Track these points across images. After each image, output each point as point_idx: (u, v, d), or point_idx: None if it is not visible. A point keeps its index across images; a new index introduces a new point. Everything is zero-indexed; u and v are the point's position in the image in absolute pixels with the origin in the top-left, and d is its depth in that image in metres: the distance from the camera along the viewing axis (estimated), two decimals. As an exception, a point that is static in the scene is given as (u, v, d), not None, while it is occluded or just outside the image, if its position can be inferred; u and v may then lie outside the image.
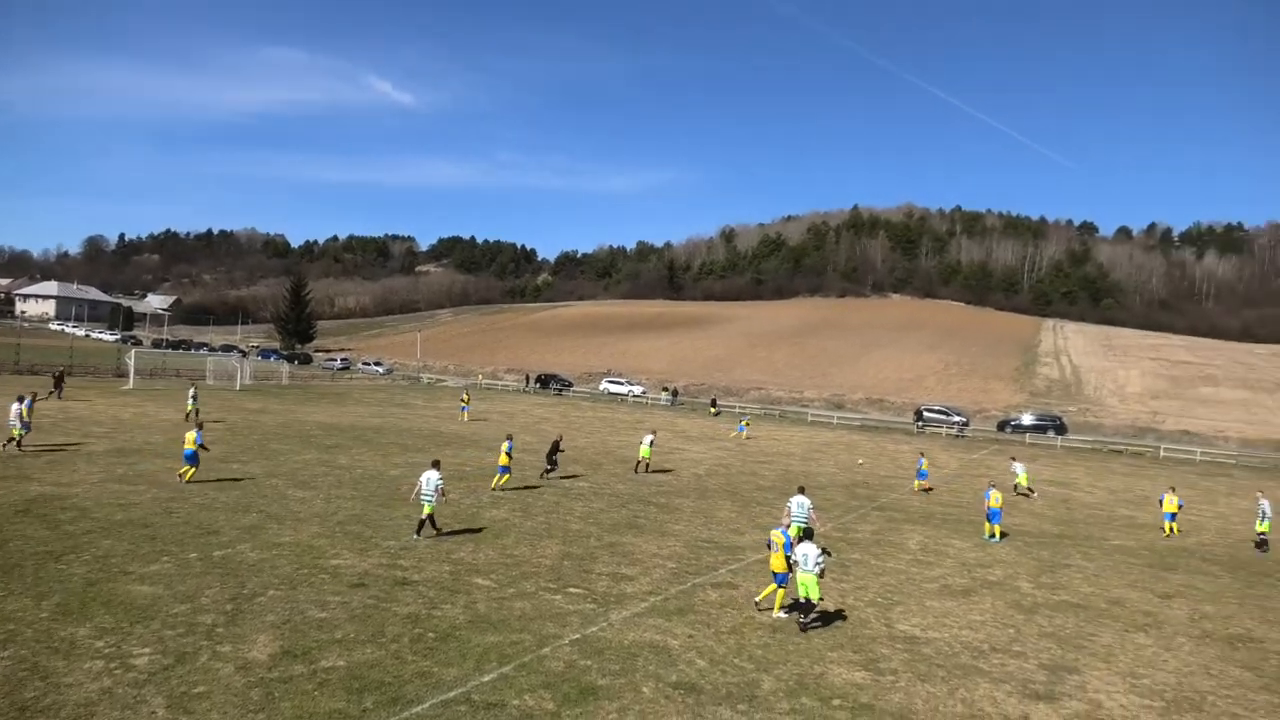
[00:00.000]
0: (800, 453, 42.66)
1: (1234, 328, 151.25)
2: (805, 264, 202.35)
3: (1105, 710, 11.67)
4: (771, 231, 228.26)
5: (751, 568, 18.16)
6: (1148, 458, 54.29)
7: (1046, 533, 25.30)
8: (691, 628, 13.79)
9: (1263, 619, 17.16)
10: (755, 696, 11.13)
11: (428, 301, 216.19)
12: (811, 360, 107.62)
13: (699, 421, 57.84)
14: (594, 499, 25.22)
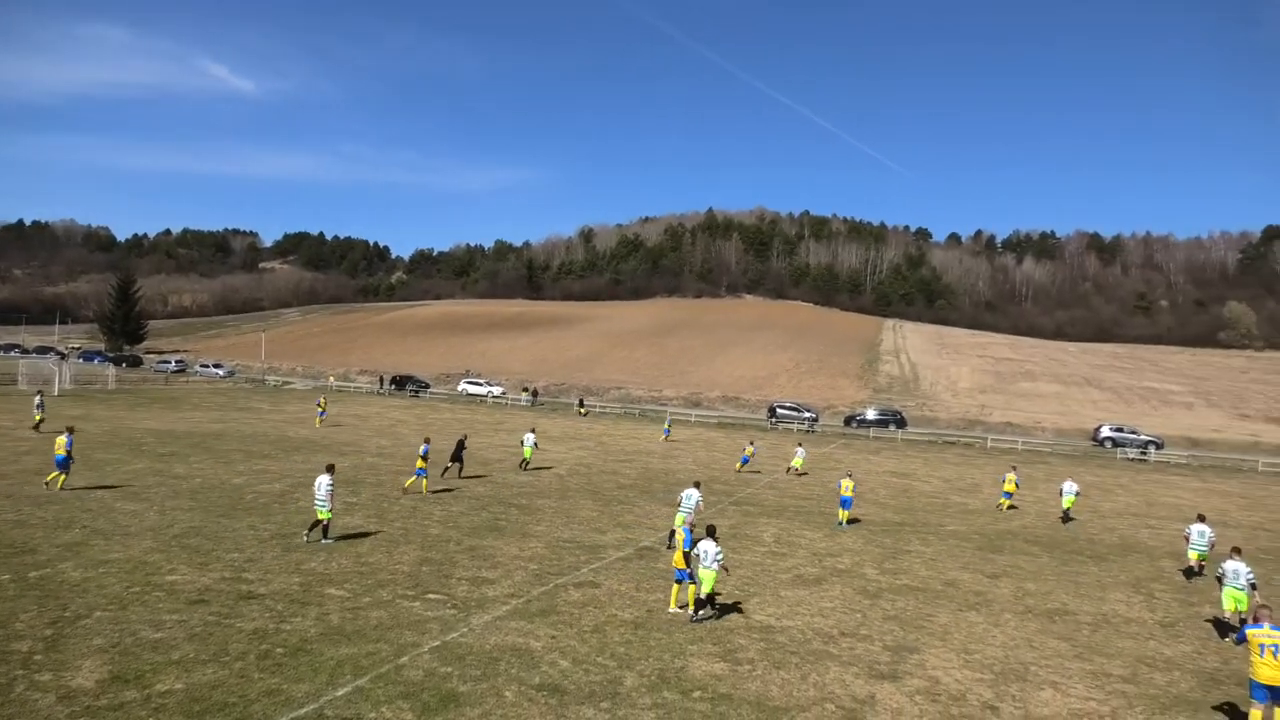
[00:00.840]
0: (660, 451, 43.36)
1: (1049, 327, 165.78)
2: (663, 265, 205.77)
3: (943, 685, 12.50)
4: (630, 232, 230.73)
5: (613, 566, 18.32)
6: (976, 448, 58.49)
7: (889, 521, 26.80)
8: (554, 628, 13.76)
9: (1076, 593, 18.84)
10: (618, 694, 11.23)
11: (273, 300, 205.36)
12: (670, 359, 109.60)
13: (560, 421, 57.78)
14: (453, 502, 24.73)
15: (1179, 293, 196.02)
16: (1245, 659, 11.51)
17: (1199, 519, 22.15)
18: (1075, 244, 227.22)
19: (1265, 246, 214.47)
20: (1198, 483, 43.84)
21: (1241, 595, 16.17)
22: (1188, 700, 12.57)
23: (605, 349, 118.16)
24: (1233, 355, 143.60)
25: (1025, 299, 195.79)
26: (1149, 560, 23.17)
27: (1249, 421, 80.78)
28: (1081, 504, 33.00)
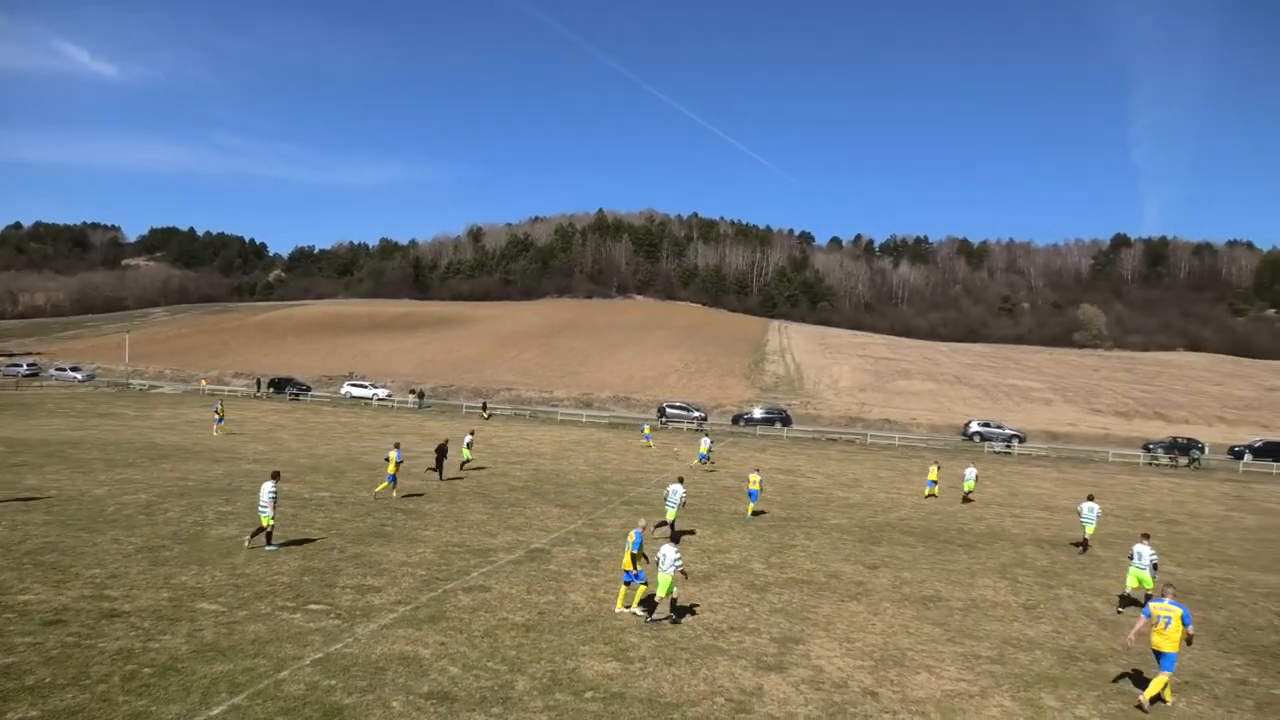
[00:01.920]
0: (551, 451, 43.15)
1: (924, 328, 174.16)
2: (553, 265, 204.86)
3: (826, 674, 12.94)
4: (520, 232, 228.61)
5: (504, 569, 18.12)
6: (857, 444, 60.76)
7: (776, 516, 27.53)
8: (443, 635, 13.50)
9: (948, 580, 19.85)
10: (510, 698, 11.12)
11: (138, 299, 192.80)
12: (560, 360, 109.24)
13: (449, 423, 56.67)
14: (336, 508, 23.91)
15: (1039, 296, 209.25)
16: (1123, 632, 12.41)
17: (1089, 498, 25.27)
18: (947, 249, 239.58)
19: (1114, 253, 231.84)
20: (1056, 474, 46.89)
21: (1144, 575, 17.95)
22: (1049, 677, 13.45)
23: (495, 350, 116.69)
24: (1086, 354, 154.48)
25: (902, 301, 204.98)
26: (1014, 547, 24.61)
27: (1100, 416, 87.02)
28: (952, 494, 34.80)
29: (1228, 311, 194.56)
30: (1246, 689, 13.45)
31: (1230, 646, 15.80)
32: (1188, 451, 61.07)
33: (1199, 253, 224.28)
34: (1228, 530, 30.31)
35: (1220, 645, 15.86)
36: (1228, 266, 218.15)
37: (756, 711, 11.30)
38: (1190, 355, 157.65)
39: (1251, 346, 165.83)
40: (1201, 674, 14.08)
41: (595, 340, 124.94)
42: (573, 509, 26.38)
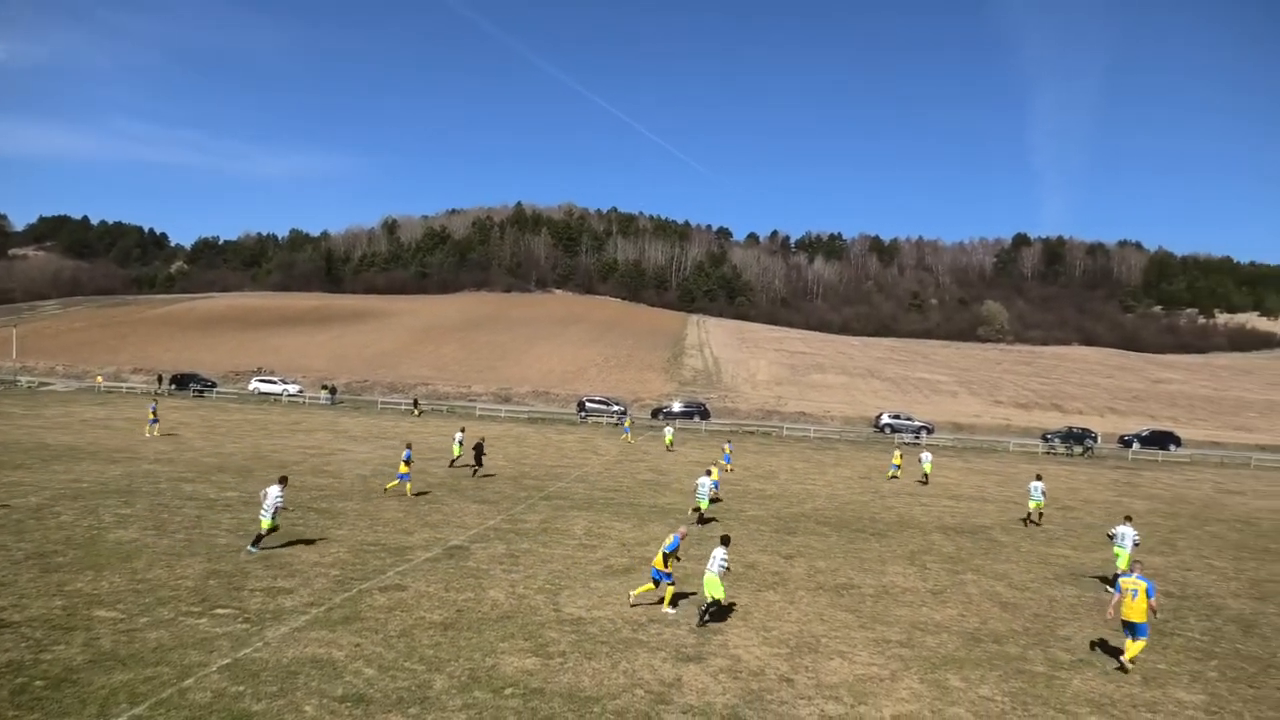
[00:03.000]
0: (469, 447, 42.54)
1: (837, 322, 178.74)
2: (471, 258, 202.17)
3: (744, 663, 13.18)
4: (436, 224, 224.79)
5: (421, 568, 17.83)
6: (774, 437, 61.88)
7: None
8: (358, 636, 13.22)
9: (860, 569, 20.43)
10: (427, 698, 10.97)
11: (26, 291, 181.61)
12: (478, 354, 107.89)
13: (363, 420, 55.40)
14: (245, 509, 23.09)
15: (946, 292, 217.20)
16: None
17: (1037, 477, 29.20)
18: (859, 246, 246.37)
19: (1015, 252, 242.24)
20: (961, 463, 48.74)
21: (1124, 553, 19.86)
22: (954, 658, 13.99)
23: (411, 344, 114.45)
24: (989, 348, 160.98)
25: (816, 296, 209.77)
26: (922, 535, 25.47)
27: (1002, 407, 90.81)
28: (863, 485, 35.83)
29: (1118, 308, 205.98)
30: (1135, 664, 14.25)
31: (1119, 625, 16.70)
32: (1081, 441, 64.31)
33: (1093, 252, 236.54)
34: (1117, 515, 31.97)
35: (1112, 624, 16.74)
36: (1119, 266, 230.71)
37: (675, 702, 11.43)
38: (1084, 349, 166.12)
39: (1140, 341, 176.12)
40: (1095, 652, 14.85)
41: (514, 334, 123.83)
42: (491, 505, 26.13)
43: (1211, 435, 78.57)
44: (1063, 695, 12.63)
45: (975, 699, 12.27)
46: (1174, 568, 22.78)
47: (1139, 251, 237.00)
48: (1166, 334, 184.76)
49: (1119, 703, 12.45)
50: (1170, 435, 69.00)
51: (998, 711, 11.84)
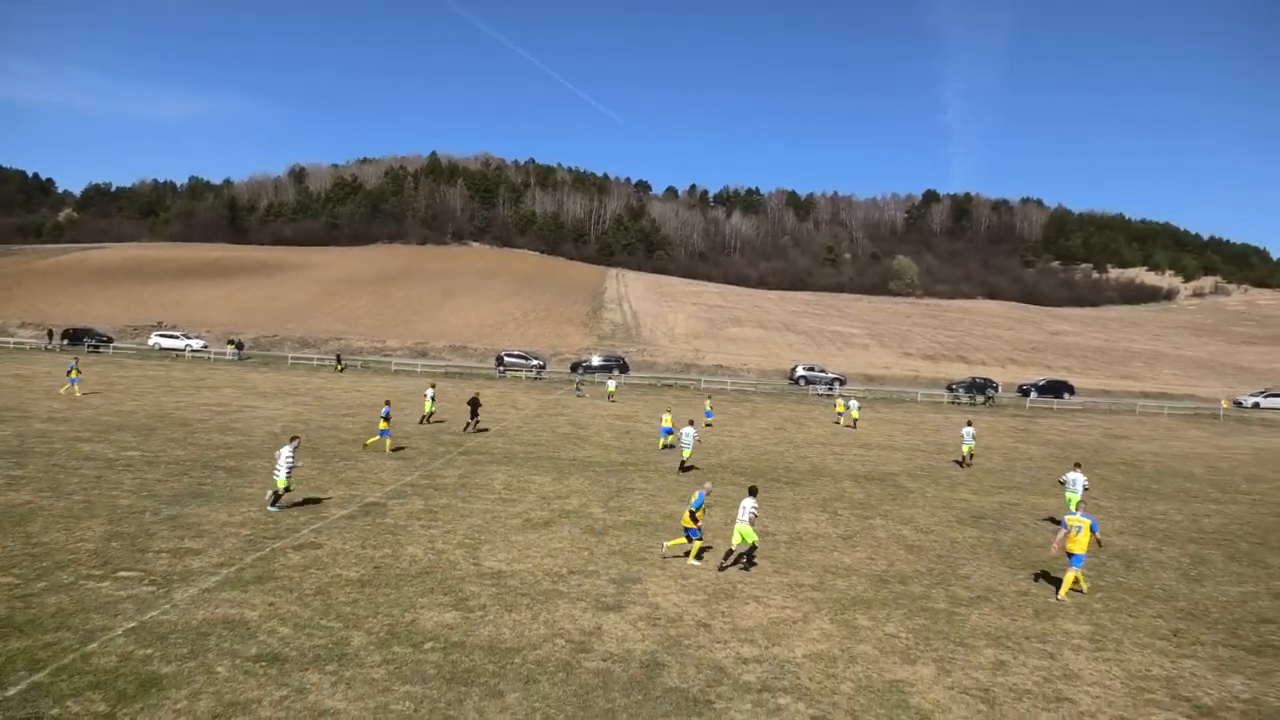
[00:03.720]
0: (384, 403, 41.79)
1: (754, 277, 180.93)
2: (384, 209, 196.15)
3: (662, 610, 13.48)
4: (347, 173, 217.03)
5: (337, 525, 17.55)
6: (692, 389, 62.64)
7: (614, 462, 28.07)
8: (272, 595, 12.98)
9: (775, 516, 21.03)
10: (345, 655, 10.90)
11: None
12: (393, 308, 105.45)
13: (272, 376, 53.72)
14: (148, 469, 22.24)
15: (859, 247, 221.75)
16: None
17: (968, 424, 31.71)
18: (776, 200, 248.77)
19: (924, 208, 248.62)
20: (871, 413, 50.34)
21: (1074, 496, 21.45)
22: (863, 599, 14.61)
23: (322, 298, 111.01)
24: (899, 302, 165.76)
25: (734, 250, 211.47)
26: (834, 483, 26.33)
27: (911, 359, 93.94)
28: (779, 435, 36.71)
29: (1020, 263, 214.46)
30: (1027, 599, 15.16)
31: (1015, 563, 17.71)
32: (984, 391, 67.18)
33: (997, 209, 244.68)
34: (1015, 460, 33.72)
35: (1007, 563, 17.74)
36: (1021, 222, 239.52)
37: (596, 650, 11.63)
38: (988, 303, 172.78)
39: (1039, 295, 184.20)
40: (991, 589, 15.72)
41: (430, 288, 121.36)
42: (408, 461, 25.82)
43: (1102, 384, 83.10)
44: (962, 630, 13.36)
45: (881, 636, 12.86)
46: (1065, 508, 24.14)
47: (1040, 208, 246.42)
48: (1063, 288, 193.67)
49: (1013, 635, 13.24)
50: (1065, 384, 72.70)
51: (902, 647, 12.45)
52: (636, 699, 10.25)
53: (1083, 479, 22.19)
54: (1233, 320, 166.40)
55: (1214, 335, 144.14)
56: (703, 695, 10.45)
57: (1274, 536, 21.95)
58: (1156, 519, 23.37)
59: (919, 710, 10.39)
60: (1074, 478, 22.20)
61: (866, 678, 11.28)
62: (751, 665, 11.47)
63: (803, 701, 10.43)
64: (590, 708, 9.95)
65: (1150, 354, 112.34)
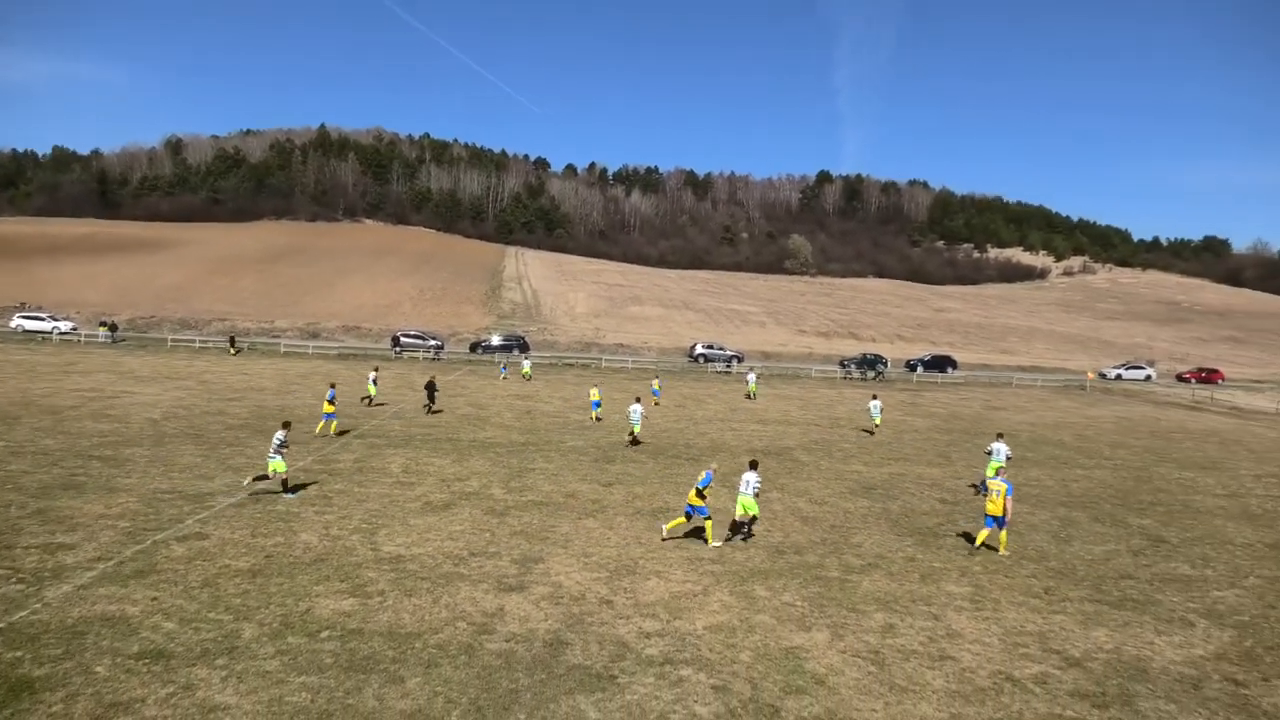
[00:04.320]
0: (274, 386, 40.29)
1: (654, 255, 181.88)
2: (270, 184, 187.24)
3: (565, 588, 13.54)
4: (229, 146, 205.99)
5: (224, 514, 16.85)
6: (593, 368, 62.71)
7: (514, 442, 27.87)
8: (155, 589, 12.40)
9: (676, 493, 21.34)
10: (236, 648, 10.53)
11: None
12: (282, 288, 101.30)
13: (150, 359, 50.89)
14: (12, 459, 20.80)
15: (756, 226, 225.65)
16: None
17: (873, 397, 35.52)
18: (675, 180, 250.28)
19: (819, 188, 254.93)
20: (767, 389, 51.57)
21: (997, 464, 22.46)
22: (760, 571, 15.04)
23: (204, 276, 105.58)
24: (795, 280, 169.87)
25: (634, 229, 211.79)
26: (732, 458, 26.87)
27: (805, 336, 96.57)
28: (679, 412, 37.22)
29: (907, 243, 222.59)
30: (914, 564, 15.92)
31: (903, 531, 18.55)
32: (874, 366, 69.75)
33: (886, 190, 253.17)
34: (903, 433, 35.18)
35: (895, 530, 18.56)
36: (908, 203, 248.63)
37: (498, 631, 11.60)
38: (877, 281, 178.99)
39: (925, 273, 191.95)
40: (881, 556, 16.43)
41: (321, 266, 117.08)
42: (301, 445, 24.96)
43: (982, 358, 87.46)
44: (854, 596, 13.93)
45: (778, 605, 13.29)
46: (948, 477, 25.40)
47: (926, 190, 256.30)
48: (947, 267, 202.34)
49: (900, 598, 13.90)
50: (948, 359, 76.24)
51: (798, 615, 12.90)
52: (540, 678, 10.30)
53: (1006, 449, 23.42)
54: (1098, 297, 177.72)
55: (1082, 312, 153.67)
56: (606, 671, 10.58)
57: (1133, 498, 23.69)
58: (1031, 485, 24.83)
59: (814, 674, 10.80)
60: (998, 447, 23.39)
61: (764, 646, 11.64)
62: (654, 639, 11.67)
63: (704, 672, 10.69)
64: (493, 689, 9.94)
65: (1026, 330, 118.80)
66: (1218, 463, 31.11)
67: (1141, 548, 18.15)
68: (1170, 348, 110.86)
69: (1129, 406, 53.50)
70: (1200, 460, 31.42)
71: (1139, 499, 23.65)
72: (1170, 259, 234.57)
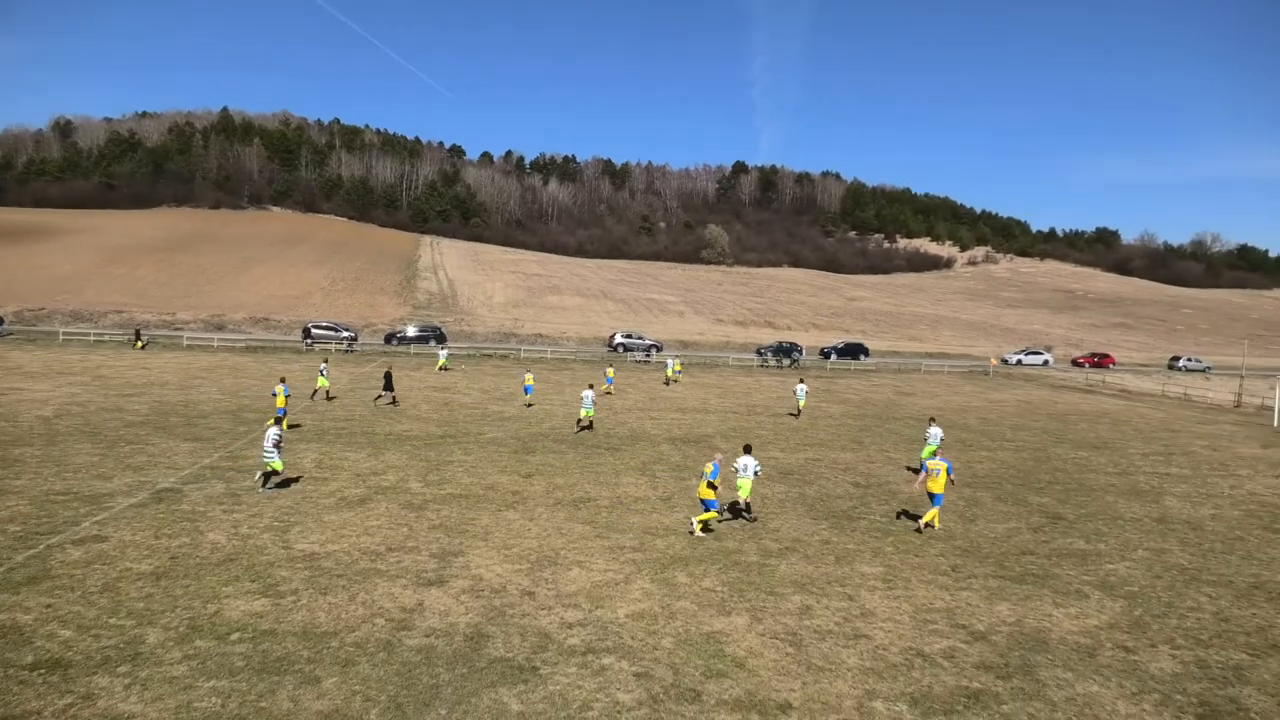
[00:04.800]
0: (177, 381, 38.61)
1: (572, 245, 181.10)
2: (169, 169, 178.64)
3: (485, 581, 13.44)
4: (123, 129, 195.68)
5: (124, 515, 16.11)
6: (511, 359, 62.17)
7: (432, 435, 27.44)
8: (49, 596, 11.79)
9: (596, 482, 21.39)
10: (140, 654, 10.11)
11: None
12: (184, 278, 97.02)
13: (40, 354, 48.10)
14: (-116, 464, 19.43)
15: (673, 216, 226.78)
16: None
17: (800, 381, 38.21)
18: (593, 169, 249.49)
19: (734, 179, 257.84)
20: (687, 378, 52.08)
21: (932, 446, 23.94)
22: (681, 557, 15.22)
23: (98, 266, 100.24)
24: (712, 270, 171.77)
25: (551, 218, 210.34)
26: (652, 446, 27.08)
27: (723, 325, 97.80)
28: (598, 402, 37.22)
29: (821, 233, 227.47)
30: (829, 547, 16.36)
31: (819, 515, 19.02)
32: (790, 354, 71.14)
33: (800, 181, 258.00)
34: (818, 419, 36.03)
35: (812, 514, 19.02)
36: (822, 194, 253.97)
37: (418, 627, 11.45)
38: (793, 271, 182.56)
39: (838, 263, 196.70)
40: (797, 539, 16.82)
41: (226, 256, 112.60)
42: (207, 442, 24.05)
43: (892, 346, 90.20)
44: (771, 579, 14.24)
45: (699, 591, 13.48)
46: (861, 461, 26.16)
47: (838, 181, 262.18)
48: (859, 256, 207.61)
49: (816, 580, 14.27)
50: (861, 347, 78.39)
51: (718, 600, 13.11)
52: (461, 672, 10.21)
53: (939, 432, 24.84)
54: (1000, 286, 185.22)
55: (985, 300, 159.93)
56: (528, 662, 10.56)
57: (1033, 478, 24.85)
58: (938, 467, 25.76)
59: (734, 658, 11.01)
60: (933, 431, 24.86)
61: (686, 632, 11.80)
62: (576, 629, 11.70)
63: (626, 660, 10.77)
64: (413, 685, 9.81)
65: (933, 318, 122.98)
66: (1109, 442, 32.87)
67: (1041, 525, 19.06)
68: (1066, 334, 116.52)
69: (1028, 390, 56.02)
70: (1093, 440, 33.13)
71: (1038, 478, 24.81)
72: (1066, 249, 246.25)
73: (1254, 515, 21.14)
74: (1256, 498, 23.40)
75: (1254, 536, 18.91)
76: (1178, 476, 26.11)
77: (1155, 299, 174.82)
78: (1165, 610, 13.69)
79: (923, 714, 9.79)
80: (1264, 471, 27.73)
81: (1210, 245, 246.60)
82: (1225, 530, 19.37)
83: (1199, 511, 21.29)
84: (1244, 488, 24.77)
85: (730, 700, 9.88)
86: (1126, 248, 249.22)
